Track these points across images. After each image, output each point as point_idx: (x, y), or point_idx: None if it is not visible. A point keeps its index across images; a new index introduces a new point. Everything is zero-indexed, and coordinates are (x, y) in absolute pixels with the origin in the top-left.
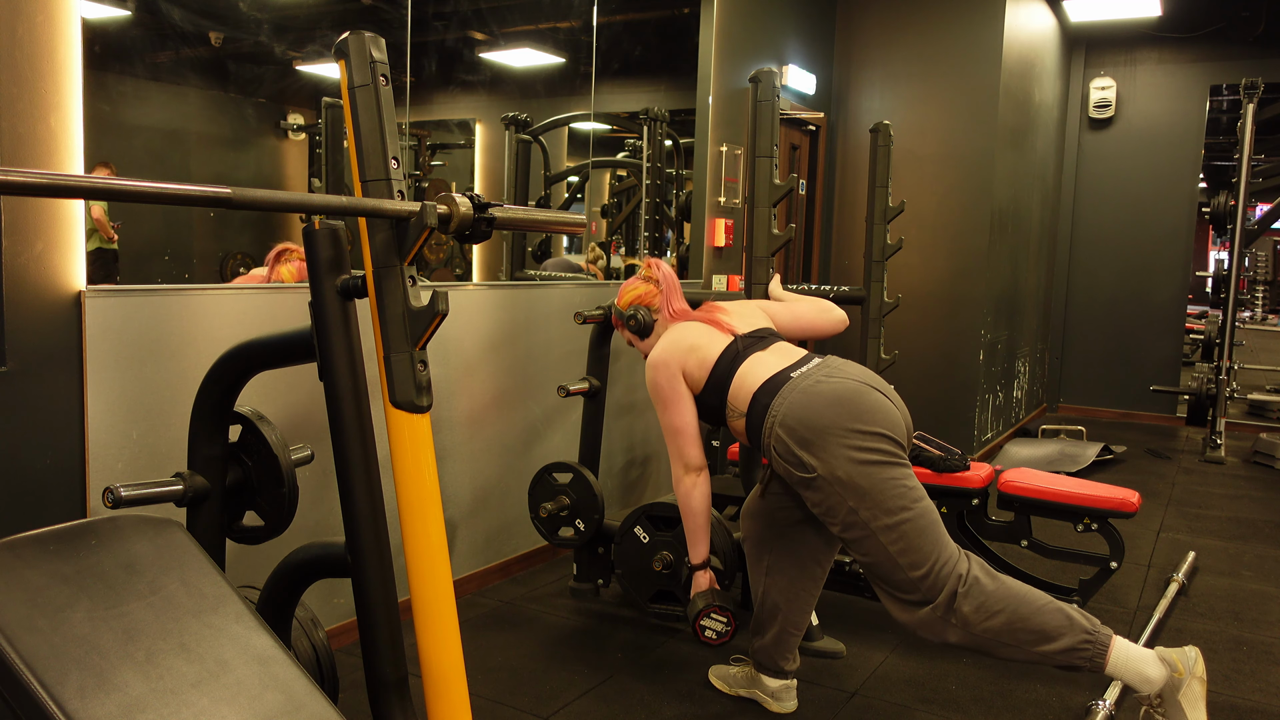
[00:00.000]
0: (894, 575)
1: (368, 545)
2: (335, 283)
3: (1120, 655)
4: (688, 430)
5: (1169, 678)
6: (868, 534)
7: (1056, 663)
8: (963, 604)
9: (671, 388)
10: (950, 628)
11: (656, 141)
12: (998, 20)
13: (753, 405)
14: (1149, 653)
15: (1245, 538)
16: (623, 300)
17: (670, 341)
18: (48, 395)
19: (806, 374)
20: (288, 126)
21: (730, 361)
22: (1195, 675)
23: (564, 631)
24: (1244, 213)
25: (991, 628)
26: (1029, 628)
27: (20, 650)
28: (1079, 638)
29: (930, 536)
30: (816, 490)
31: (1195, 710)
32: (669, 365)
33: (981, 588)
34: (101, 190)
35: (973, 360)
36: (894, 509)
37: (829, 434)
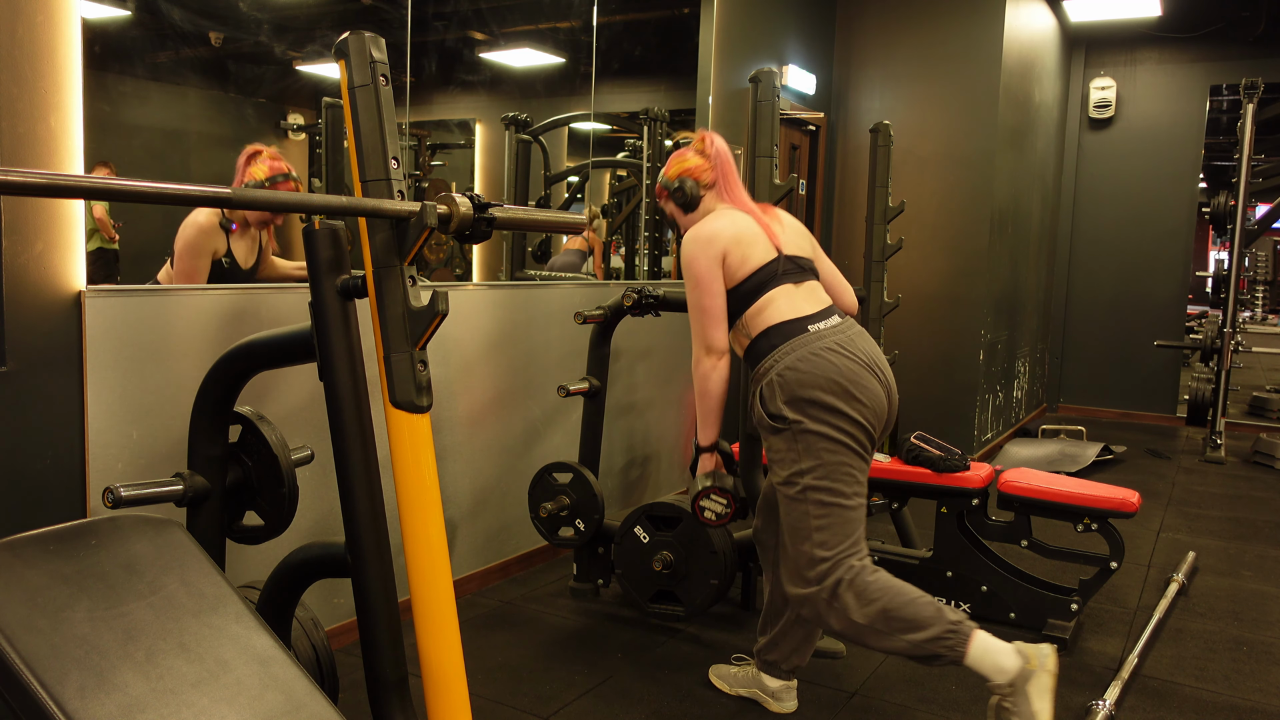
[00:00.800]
0: (801, 545)
1: (368, 545)
2: (335, 283)
3: (980, 646)
4: (715, 311)
5: (1021, 668)
6: (801, 499)
7: (922, 651)
8: (846, 592)
9: (709, 269)
10: (831, 611)
11: (656, 141)
12: (998, 20)
13: (762, 337)
14: (1006, 645)
15: (1245, 538)
16: (670, 170)
17: (723, 225)
18: (48, 395)
19: (822, 333)
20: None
21: (765, 280)
22: (1046, 669)
23: (564, 631)
24: (1244, 213)
25: (868, 614)
26: (902, 616)
27: (20, 650)
28: (945, 628)
29: (849, 530)
30: (781, 438)
31: (1042, 700)
32: (714, 245)
33: (864, 578)
34: (101, 190)
35: (973, 360)
36: (836, 491)
37: (817, 404)
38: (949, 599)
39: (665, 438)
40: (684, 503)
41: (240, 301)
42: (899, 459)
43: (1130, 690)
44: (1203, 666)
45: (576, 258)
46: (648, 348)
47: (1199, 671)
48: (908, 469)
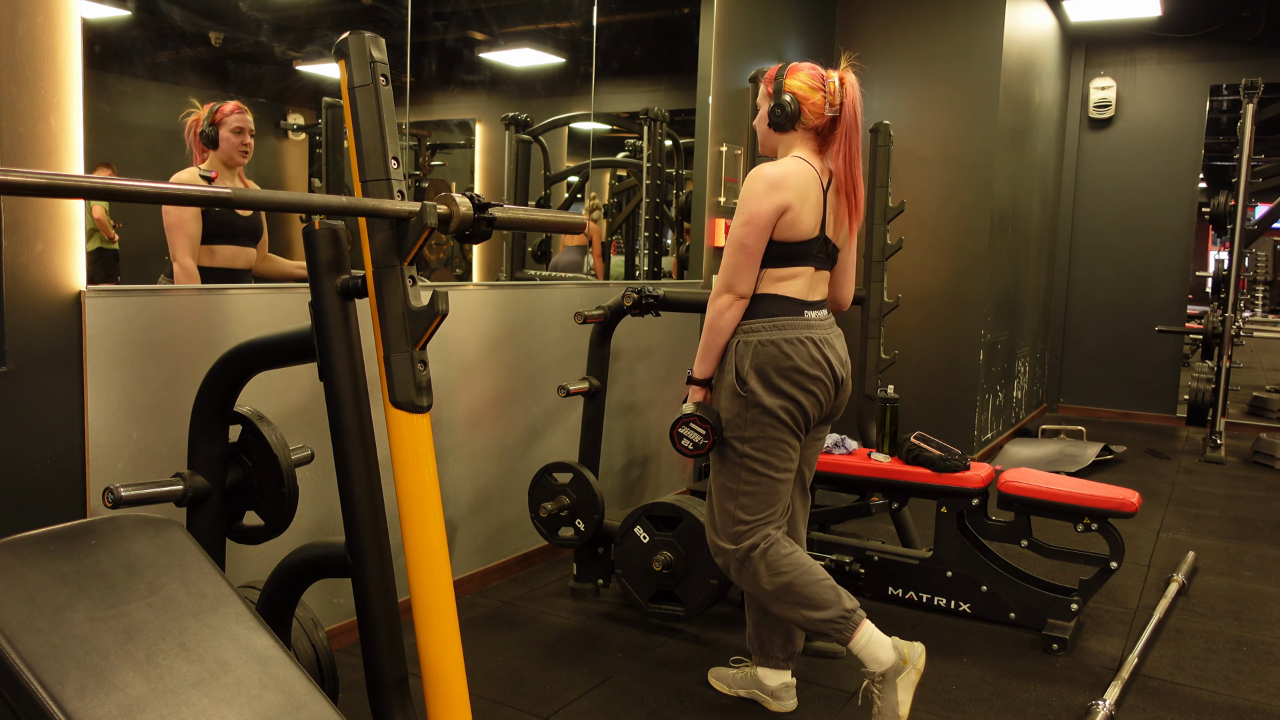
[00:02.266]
0: (726, 503)
1: (368, 545)
2: (335, 283)
3: (864, 637)
4: (754, 253)
5: (895, 663)
6: (736, 464)
7: (814, 628)
8: (759, 560)
9: (768, 213)
10: (742, 571)
11: (656, 141)
12: (998, 20)
13: (766, 298)
14: (887, 640)
15: (1245, 538)
16: (791, 79)
17: (793, 172)
18: (48, 395)
19: (812, 324)
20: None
21: (801, 254)
22: (915, 666)
23: (564, 631)
24: (1244, 213)
25: (775, 584)
26: (805, 594)
27: (20, 650)
28: (839, 612)
29: (774, 500)
30: (735, 402)
31: (905, 693)
32: (776, 194)
33: (778, 550)
34: (101, 190)
35: (973, 360)
36: (771, 464)
37: (779, 387)
38: (949, 599)
39: (665, 438)
40: (684, 503)
41: (240, 301)
42: (899, 459)
43: (1130, 690)
44: (1203, 666)
45: (577, 254)
46: (648, 348)
47: (1199, 671)
48: (908, 469)
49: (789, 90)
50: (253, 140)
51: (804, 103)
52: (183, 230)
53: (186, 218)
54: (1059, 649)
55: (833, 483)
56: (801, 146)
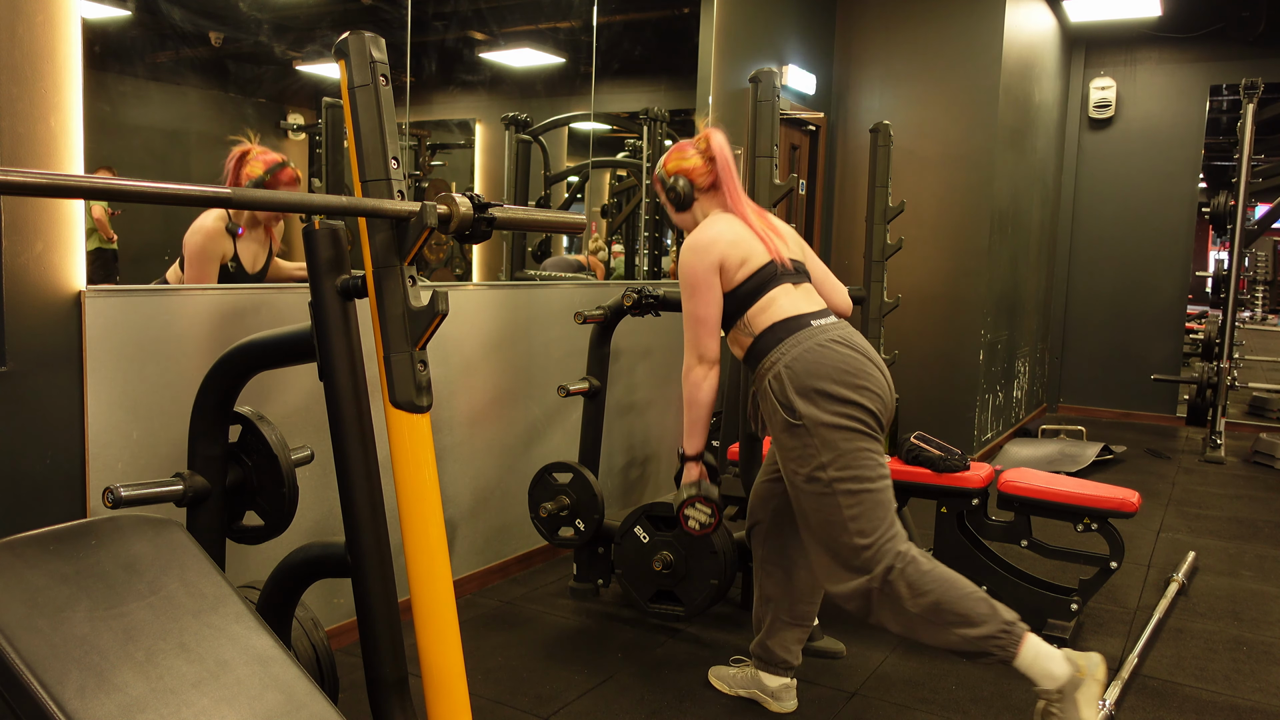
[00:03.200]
0: (839, 537)
1: (368, 545)
2: (335, 283)
3: (1031, 650)
4: (710, 321)
5: (1071, 676)
6: (829, 492)
7: (972, 648)
8: (899, 581)
9: (706, 277)
10: (884, 601)
11: (656, 141)
12: (998, 20)
13: (765, 334)
14: (1057, 652)
15: (1245, 538)
16: (667, 165)
17: (721, 231)
18: (48, 395)
19: (824, 328)
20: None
21: (765, 281)
22: (1095, 677)
23: (564, 631)
24: (1244, 213)
25: (922, 605)
26: (956, 610)
27: (20, 650)
28: (999, 627)
29: (883, 512)
30: (795, 437)
31: (1089, 709)
32: (710, 253)
33: (917, 567)
34: (101, 190)
35: (973, 360)
36: (861, 477)
37: (822, 393)
38: None
39: (665, 438)
40: None
41: (240, 301)
42: (899, 459)
43: (1130, 690)
44: (1203, 666)
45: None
46: (648, 348)
47: (1199, 671)
48: (908, 469)
49: (670, 174)
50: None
51: (688, 173)
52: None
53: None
54: (1059, 649)
55: None
56: (709, 205)
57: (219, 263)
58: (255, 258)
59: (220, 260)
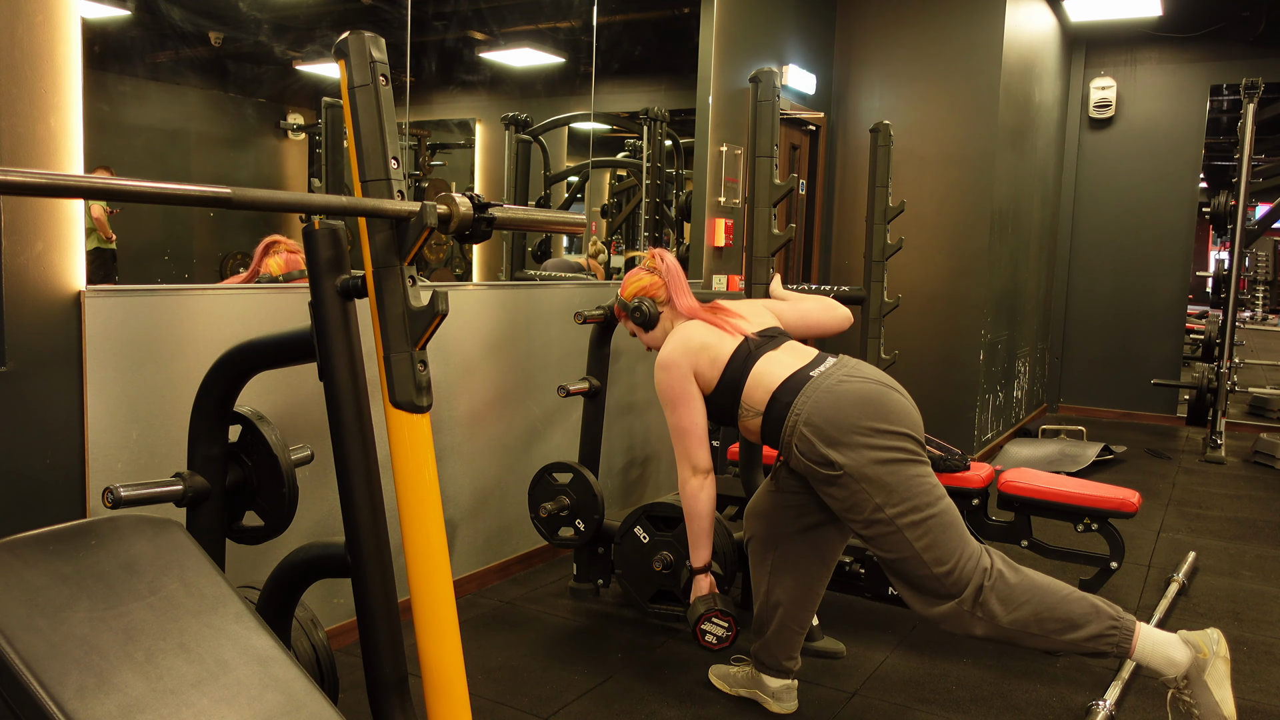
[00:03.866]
0: (918, 571)
1: (368, 545)
2: (335, 283)
3: (1146, 641)
4: (696, 431)
5: (1194, 659)
6: (893, 530)
7: (1083, 650)
8: (989, 598)
9: (682, 388)
10: (977, 621)
11: (656, 141)
12: (998, 20)
13: (771, 404)
14: (1173, 636)
15: (1245, 538)
16: (626, 291)
17: (679, 341)
18: (48, 395)
19: (827, 373)
20: (288, 126)
21: (744, 361)
22: (1219, 655)
23: (564, 631)
24: (1244, 213)
25: (1019, 619)
26: (1055, 616)
27: (20, 650)
28: (1105, 624)
29: (954, 533)
30: (842, 487)
31: (1221, 689)
32: (679, 365)
33: (1006, 581)
34: (101, 190)
35: (973, 360)
36: (920, 505)
37: (855, 433)
38: None
39: (665, 438)
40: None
41: (240, 301)
42: None
43: (1130, 690)
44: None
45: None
46: None
47: None
48: None
49: (631, 298)
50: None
51: (646, 291)
52: None
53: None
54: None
55: None
56: (671, 321)
57: None
58: None
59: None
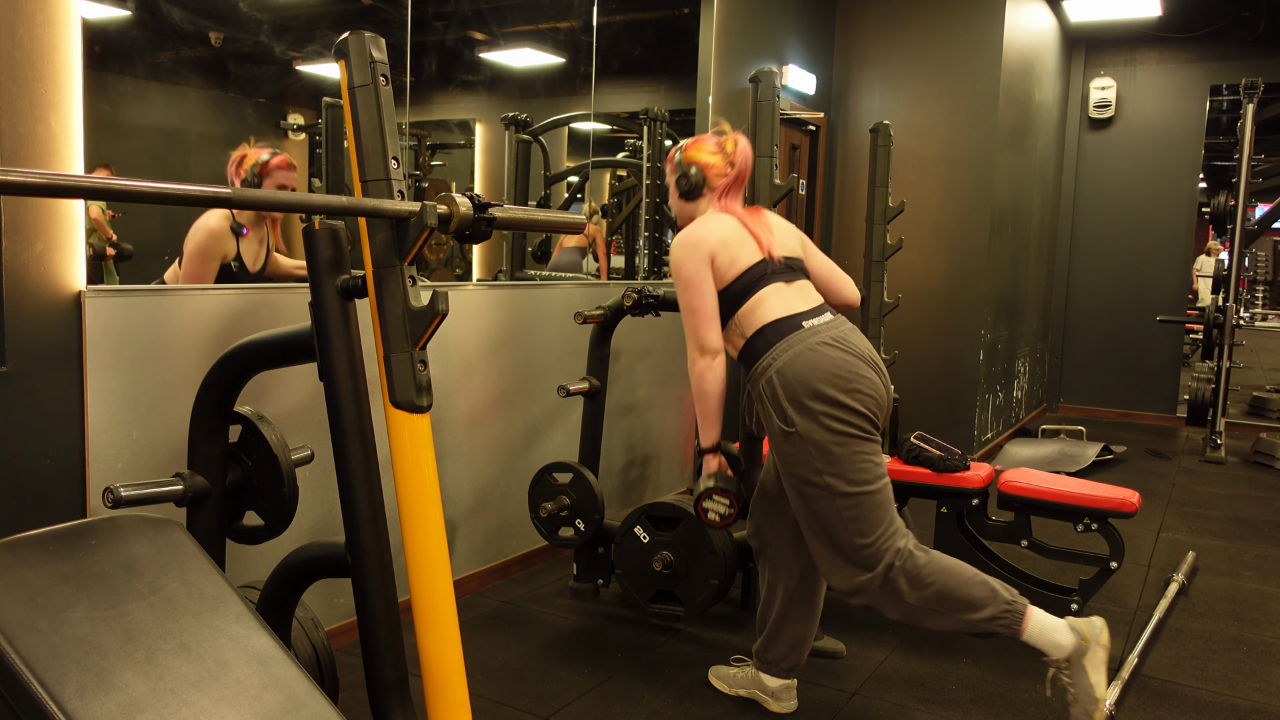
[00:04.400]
0: (839, 538)
1: (368, 545)
2: (335, 283)
3: (1036, 624)
4: (706, 310)
5: (1077, 644)
6: (826, 495)
7: (979, 630)
8: (899, 576)
9: (696, 271)
10: (885, 596)
11: (656, 141)
12: (998, 20)
13: (757, 336)
14: (1061, 622)
15: (1245, 538)
16: (689, 151)
17: (710, 227)
18: (48, 395)
19: (817, 329)
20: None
21: (755, 280)
22: (1100, 643)
23: (564, 631)
24: (1244, 213)
25: (924, 598)
26: (958, 598)
27: (20, 650)
28: (1001, 607)
29: (882, 512)
30: (790, 443)
31: (1097, 673)
32: (699, 249)
33: (916, 562)
34: (101, 190)
35: (973, 360)
36: (858, 481)
37: (816, 399)
38: None
39: (665, 438)
40: (684, 503)
41: (240, 301)
42: (899, 459)
43: (1130, 690)
44: (1203, 666)
45: (576, 255)
46: (648, 348)
47: (1199, 671)
48: (908, 469)
49: (690, 161)
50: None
51: (707, 169)
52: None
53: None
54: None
55: None
56: (708, 206)
57: (220, 262)
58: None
59: (222, 259)
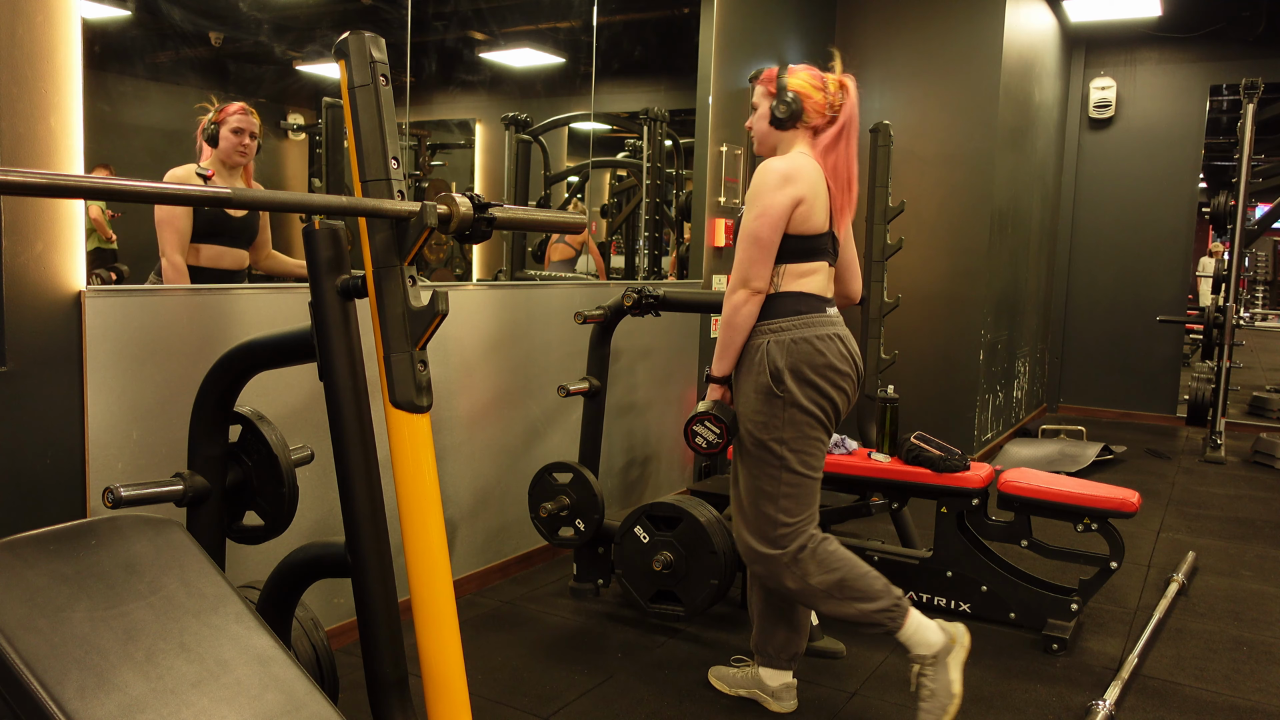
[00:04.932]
0: (765, 507)
1: (368, 545)
2: (335, 283)
3: (913, 623)
4: (768, 246)
5: (945, 643)
6: (774, 466)
7: (867, 619)
8: (808, 559)
9: (779, 204)
10: (790, 574)
11: (656, 141)
12: (998, 20)
13: (791, 296)
14: (933, 623)
15: (1245, 538)
16: (794, 78)
17: (807, 171)
18: (48, 395)
19: (833, 320)
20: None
21: (819, 248)
22: (962, 644)
23: (564, 631)
24: (1244, 213)
25: (826, 582)
26: (857, 587)
27: (20, 650)
28: (890, 602)
29: (811, 501)
30: (768, 405)
31: (955, 671)
32: (793, 185)
33: (825, 547)
34: (101, 190)
35: (973, 360)
36: (808, 464)
37: (815, 385)
38: (949, 599)
39: (665, 438)
40: (684, 503)
41: (240, 301)
42: (899, 459)
43: (1130, 690)
44: (1203, 666)
45: (565, 267)
46: (648, 348)
47: (1199, 671)
48: (908, 469)
49: (792, 89)
50: (254, 142)
51: (806, 101)
52: (173, 226)
53: (177, 214)
54: (1059, 649)
55: (833, 483)
56: (802, 144)
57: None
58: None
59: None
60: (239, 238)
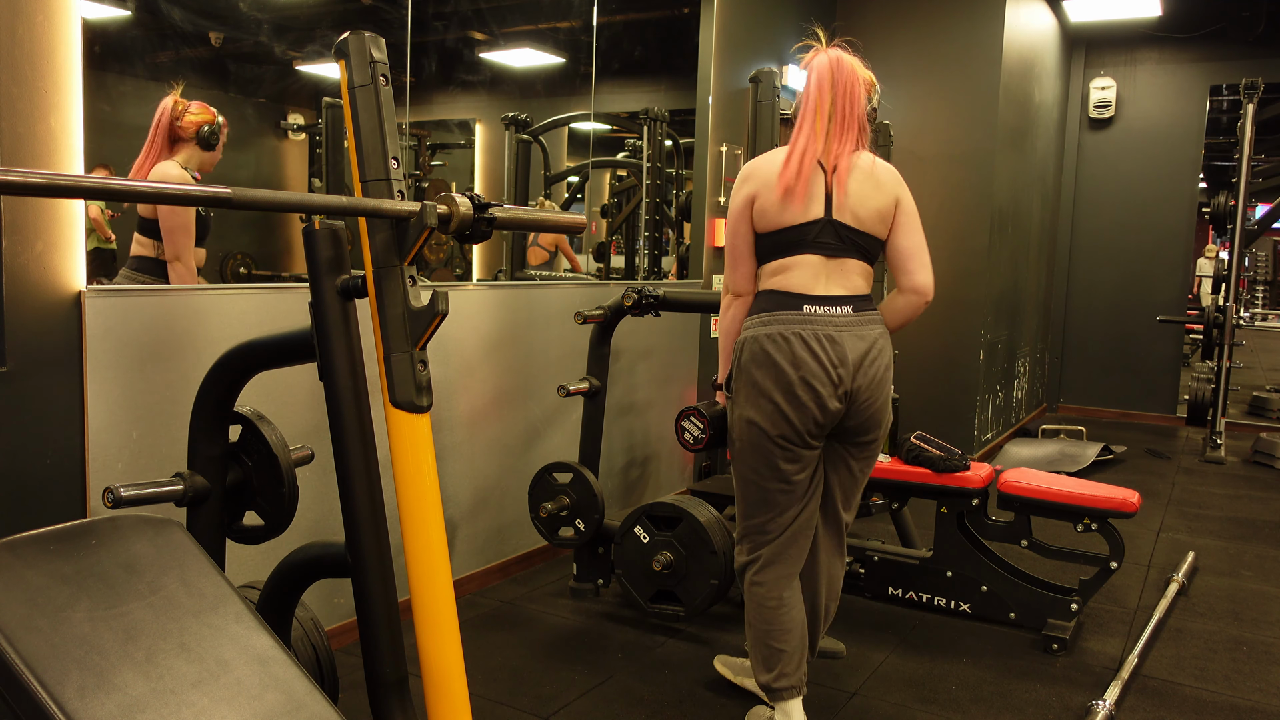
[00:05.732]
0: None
1: (368, 545)
2: (335, 283)
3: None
4: (736, 251)
5: None
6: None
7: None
8: (741, 577)
9: (737, 208)
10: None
11: (656, 141)
12: (998, 20)
13: (761, 295)
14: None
15: (1245, 538)
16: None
17: (760, 167)
18: (48, 395)
19: (811, 319)
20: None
21: (794, 241)
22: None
23: (564, 631)
24: (1244, 213)
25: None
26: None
27: (20, 650)
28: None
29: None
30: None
31: None
32: (745, 185)
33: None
34: (101, 190)
35: (973, 360)
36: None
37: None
38: (949, 599)
39: (665, 438)
40: (684, 503)
41: (240, 301)
42: (899, 459)
43: (1130, 690)
44: (1203, 666)
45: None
46: (648, 348)
47: (1199, 671)
48: (908, 469)
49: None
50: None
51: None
52: (187, 230)
53: (190, 220)
54: (1059, 649)
55: None
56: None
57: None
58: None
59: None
60: (205, 237)
